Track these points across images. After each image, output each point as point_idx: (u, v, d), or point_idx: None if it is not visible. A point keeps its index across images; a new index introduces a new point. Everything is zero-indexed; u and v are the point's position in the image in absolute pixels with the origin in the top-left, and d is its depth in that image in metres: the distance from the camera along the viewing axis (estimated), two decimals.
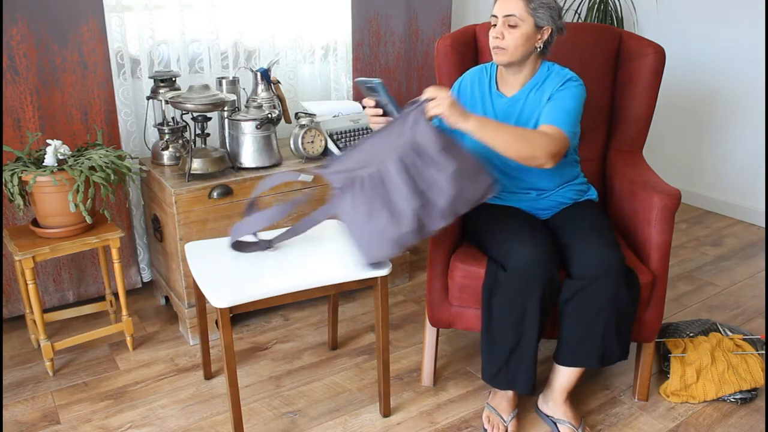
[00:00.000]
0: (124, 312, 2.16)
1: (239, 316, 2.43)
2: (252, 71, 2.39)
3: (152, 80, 2.30)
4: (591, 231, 1.75)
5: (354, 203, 1.59)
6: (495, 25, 1.74)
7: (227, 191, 2.15)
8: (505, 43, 1.72)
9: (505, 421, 1.82)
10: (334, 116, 2.45)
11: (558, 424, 1.81)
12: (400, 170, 1.54)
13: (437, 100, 1.55)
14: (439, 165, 1.53)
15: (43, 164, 1.95)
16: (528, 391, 1.73)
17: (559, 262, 1.74)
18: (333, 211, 1.68)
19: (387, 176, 1.55)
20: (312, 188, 2.32)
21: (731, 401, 1.97)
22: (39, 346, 2.20)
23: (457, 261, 1.83)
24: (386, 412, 1.90)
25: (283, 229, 1.86)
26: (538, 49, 1.77)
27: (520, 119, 1.81)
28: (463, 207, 1.58)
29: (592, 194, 1.98)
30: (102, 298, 2.45)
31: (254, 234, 1.77)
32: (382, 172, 1.55)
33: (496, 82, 1.87)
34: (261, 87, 2.39)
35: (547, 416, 1.85)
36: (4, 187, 1.92)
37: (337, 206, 1.64)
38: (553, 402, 1.84)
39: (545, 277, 1.65)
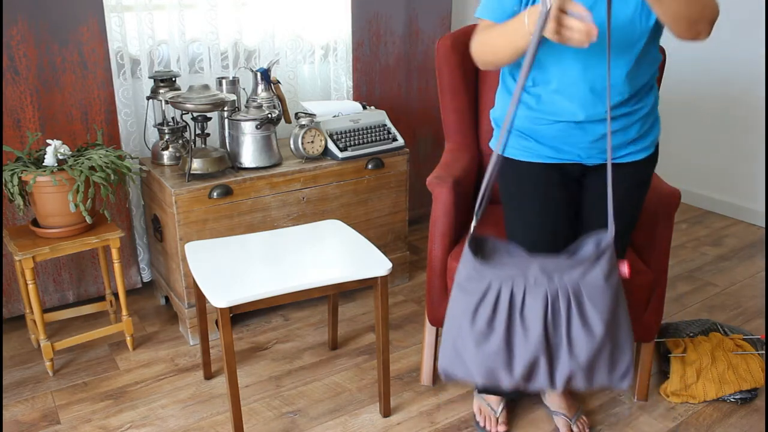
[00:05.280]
0: (124, 312, 2.16)
1: (239, 316, 2.43)
2: (252, 71, 2.40)
3: (152, 80, 2.30)
4: (598, 219, 1.55)
5: (475, 311, 1.33)
6: None
7: (227, 191, 2.15)
8: None
9: (495, 412, 1.82)
10: (334, 116, 2.45)
11: (553, 415, 1.83)
12: (544, 311, 1.29)
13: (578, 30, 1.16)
14: (589, 324, 1.29)
15: (43, 164, 1.95)
16: (513, 395, 1.71)
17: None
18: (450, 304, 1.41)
19: (528, 307, 1.29)
20: (312, 188, 2.32)
21: (731, 401, 1.97)
22: (39, 346, 2.20)
23: (454, 261, 1.83)
24: (386, 412, 1.90)
25: None
26: None
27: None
28: (582, 382, 1.33)
29: (655, 142, 1.60)
30: (102, 298, 2.45)
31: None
32: (525, 299, 1.29)
33: None
34: (261, 87, 2.39)
35: (546, 406, 1.86)
36: (4, 187, 1.92)
37: (453, 299, 1.38)
38: (549, 393, 1.85)
39: None
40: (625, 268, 1.31)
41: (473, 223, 1.39)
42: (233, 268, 1.71)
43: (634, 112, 1.49)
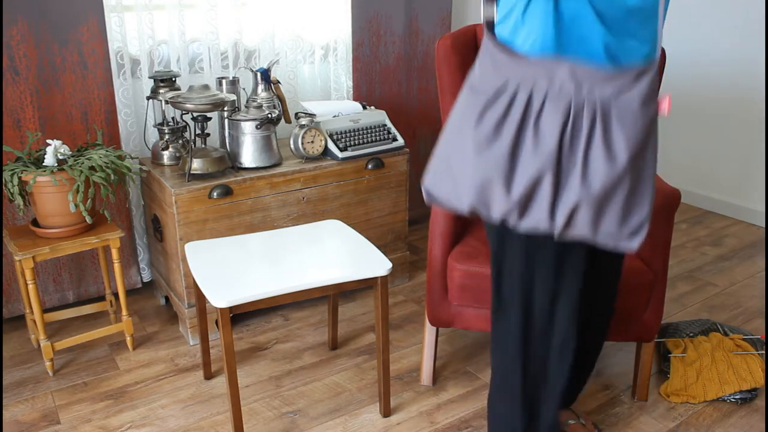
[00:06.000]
0: (124, 312, 2.16)
1: (239, 316, 2.43)
2: (252, 71, 2.40)
3: (152, 80, 2.30)
4: None
5: (483, 111, 1.12)
6: None
7: (227, 191, 2.15)
8: None
9: None
10: (334, 116, 2.45)
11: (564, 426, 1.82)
12: (563, 124, 1.08)
13: None
14: (613, 149, 1.07)
15: (43, 164, 1.95)
16: None
17: None
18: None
19: (546, 116, 1.09)
20: (312, 188, 2.32)
21: (731, 401, 1.97)
22: (39, 346, 2.20)
23: (454, 261, 1.83)
24: (386, 412, 1.90)
25: None
26: None
27: None
28: (586, 224, 1.11)
29: None
30: (102, 298, 2.45)
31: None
32: (544, 107, 1.09)
33: None
34: (261, 87, 2.39)
35: None
36: (4, 187, 1.92)
37: (459, 103, 1.17)
38: None
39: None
40: (665, 104, 1.10)
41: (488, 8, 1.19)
42: (233, 268, 1.71)
43: None
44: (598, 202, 1.08)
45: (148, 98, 2.31)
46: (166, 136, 2.26)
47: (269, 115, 2.22)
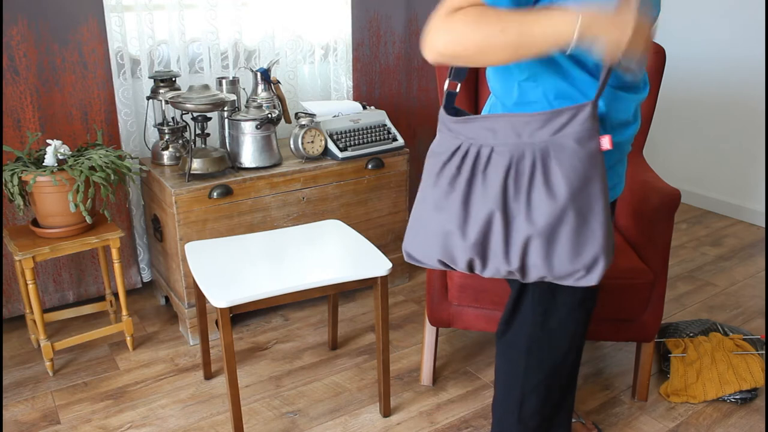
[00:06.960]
0: (124, 312, 2.16)
1: (239, 316, 2.43)
2: (252, 71, 2.40)
3: (152, 80, 2.30)
4: None
5: (440, 170, 1.23)
6: None
7: (227, 191, 2.15)
8: None
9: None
10: (334, 116, 2.45)
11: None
12: (507, 169, 1.17)
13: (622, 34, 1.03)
14: (552, 184, 1.14)
15: (43, 164, 1.95)
16: None
17: None
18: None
19: (492, 165, 1.18)
20: (312, 188, 2.32)
21: (731, 401, 1.97)
22: (39, 346, 2.20)
23: None
24: (386, 412, 1.90)
25: None
26: None
27: None
28: (541, 258, 1.17)
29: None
30: (102, 298, 2.45)
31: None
32: (491, 157, 1.19)
33: None
34: (261, 87, 2.40)
35: None
36: (4, 187, 1.92)
37: (424, 170, 1.29)
38: None
39: None
40: (605, 140, 1.15)
41: (449, 80, 1.29)
42: (233, 268, 1.71)
43: None
44: (546, 236, 1.15)
45: (148, 98, 2.31)
46: (166, 136, 2.26)
47: (269, 115, 2.22)
